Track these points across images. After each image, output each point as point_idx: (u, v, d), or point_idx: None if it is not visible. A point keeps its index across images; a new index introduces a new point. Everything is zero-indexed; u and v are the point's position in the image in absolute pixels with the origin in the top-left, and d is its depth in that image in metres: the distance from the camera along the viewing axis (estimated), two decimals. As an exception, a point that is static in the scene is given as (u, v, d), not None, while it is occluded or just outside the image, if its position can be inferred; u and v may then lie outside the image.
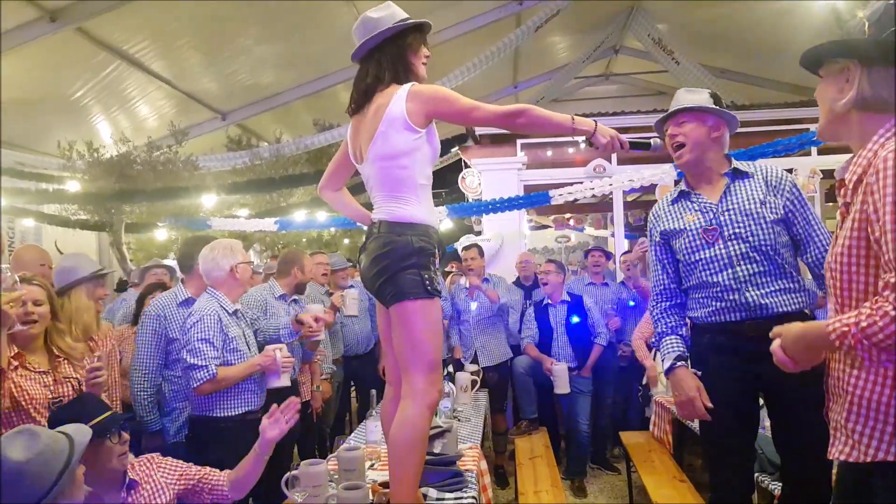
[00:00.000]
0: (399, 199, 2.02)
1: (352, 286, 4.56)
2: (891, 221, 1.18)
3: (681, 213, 2.26)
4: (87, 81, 7.58)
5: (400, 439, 1.95)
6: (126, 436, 2.00)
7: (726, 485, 2.19)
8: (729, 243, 2.12)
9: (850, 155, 1.40)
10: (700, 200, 2.22)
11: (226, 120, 9.56)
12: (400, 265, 1.96)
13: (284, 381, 2.87)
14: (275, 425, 2.24)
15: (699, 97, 2.22)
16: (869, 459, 1.28)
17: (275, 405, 2.31)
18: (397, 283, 1.97)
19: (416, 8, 2.24)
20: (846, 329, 1.21)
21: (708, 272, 2.16)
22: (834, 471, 2.22)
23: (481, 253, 5.06)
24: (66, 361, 2.38)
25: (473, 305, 4.89)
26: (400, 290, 1.96)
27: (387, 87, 2.05)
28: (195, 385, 2.64)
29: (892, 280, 1.16)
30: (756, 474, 2.65)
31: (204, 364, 2.62)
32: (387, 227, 2.01)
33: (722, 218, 2.16)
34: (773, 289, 2.09)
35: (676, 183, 5.23)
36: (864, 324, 1.19)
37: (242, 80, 8.88)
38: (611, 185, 5.64)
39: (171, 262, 5.24)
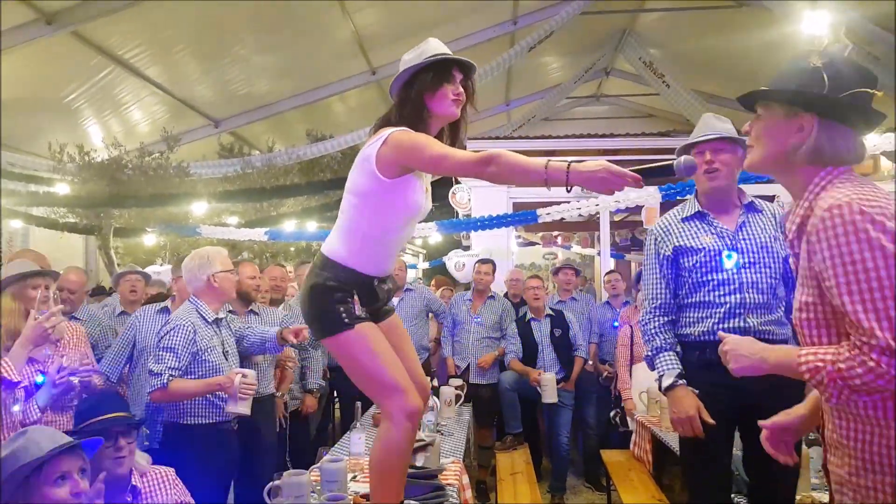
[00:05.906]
0: (340, 231, 2.00)
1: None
2: (845, 293, 1.19)
3: (696, 233, 2.35)
4: (80, 84, 7.58)
5: (379, 462, 1.93)
6: (122, 441, 2.06)
7: (705, 495, 2.26)
8: (742, 270, 2.24)
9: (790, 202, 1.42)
10: (717, 225, 2.33)
11: (219, 127, 9.56)
12: (313, 307, 1.97)
13: (242, 408, 2.73)
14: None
15: (730, 126, 2.35)
16: None
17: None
18: (318, 322, 1.98)
19: (410, 27, 2.27)
20: (821, 365, 1.22)
21: (717, 293, 2.26)
22: (798, 497, 2.30)
23: (494, 269, 5.22)
24: None
25: (475, 327, 4.94)
26: (322, 328, 1.97)
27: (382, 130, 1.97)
28: (148, 391, 2.68)
29: (866, 341, 1.16)
30: (732, 495, 2.69)
31: (159, 372, 2.64)
32: (318, 260, 2.01)
33: (740, 245, 2.28)
34: (769, 318, 2.24)
35: (662, 204, 5.37)
36: (842, 365, 1.19)
37: (237, 89, 8.91)
38: (597, 205, 5.72)
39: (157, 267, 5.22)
